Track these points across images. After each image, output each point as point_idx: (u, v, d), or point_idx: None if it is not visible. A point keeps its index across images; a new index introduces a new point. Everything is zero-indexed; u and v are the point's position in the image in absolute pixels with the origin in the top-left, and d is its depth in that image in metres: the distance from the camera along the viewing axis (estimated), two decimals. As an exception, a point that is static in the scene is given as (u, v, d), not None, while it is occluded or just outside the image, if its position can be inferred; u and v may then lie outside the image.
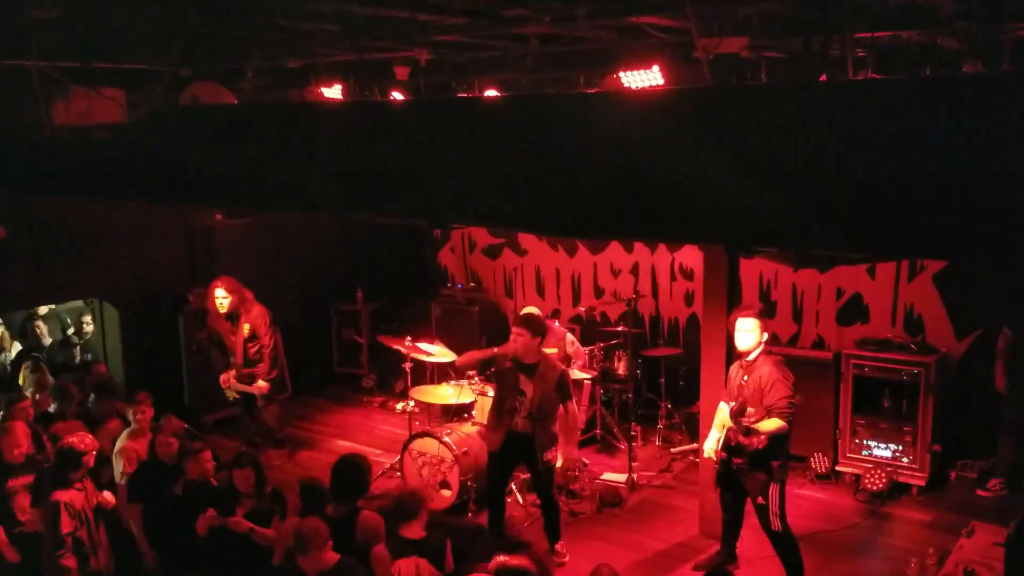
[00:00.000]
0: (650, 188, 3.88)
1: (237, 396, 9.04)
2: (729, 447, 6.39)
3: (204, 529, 6.00)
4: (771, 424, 6.07)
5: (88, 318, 10.47)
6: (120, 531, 6.57)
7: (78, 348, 10.17)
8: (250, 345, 8.88)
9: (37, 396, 7.75)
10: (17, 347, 10.09)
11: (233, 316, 8.86)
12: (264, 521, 6.00)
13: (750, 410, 6.08)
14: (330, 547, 5.06)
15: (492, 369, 7.20)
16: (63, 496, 5.97)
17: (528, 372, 6.85)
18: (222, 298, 8.75)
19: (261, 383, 8.83)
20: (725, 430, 6.37)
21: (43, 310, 10.65)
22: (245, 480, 6.19)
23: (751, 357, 6.35)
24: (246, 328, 8.85)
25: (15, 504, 6.37)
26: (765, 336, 6.35)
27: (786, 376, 6.18)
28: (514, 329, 6.87)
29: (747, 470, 6.35)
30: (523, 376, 6.85)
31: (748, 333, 6.33)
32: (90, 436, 6.31)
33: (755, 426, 6.08)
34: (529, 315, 7.15)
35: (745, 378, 6.31)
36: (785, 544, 6.39)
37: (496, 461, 7.11)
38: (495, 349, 7.14)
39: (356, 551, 5.44)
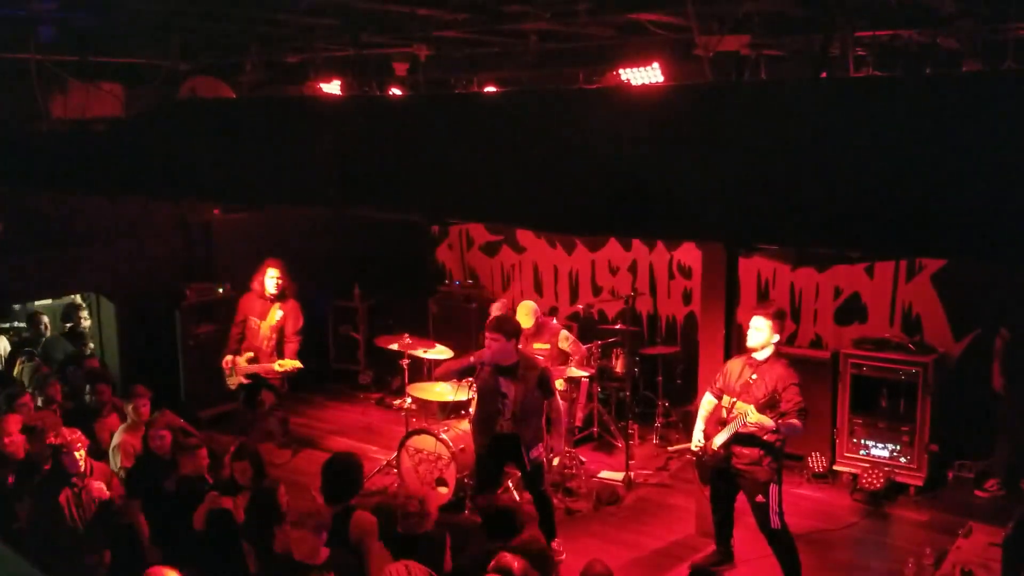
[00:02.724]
0: (649, 185, 3.87)
1: (244, 381, 8.94)
2: (729, 443, 6.33)
3: (202, 517, 5.98)
4: (792, 422, 6.11)
5: (84, 313, 10.45)
6: (119, 525, 6.55)
7: (88, 344, 10.12)
8: (272, 334, 8.84)
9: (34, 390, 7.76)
10: (4, 342, 10.09)
11: (275, 299, 8.85)
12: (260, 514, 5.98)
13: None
14: (325, 537, 5.04)
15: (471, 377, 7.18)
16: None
17: (508, 374, 6.81)
18: (275, 277, 8.82)
19: (286, 362, 8.69)
20: (738, 423, 6.23)
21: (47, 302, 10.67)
22: (243, 473, 6.19)
23: (760, 356, 6.34)
24: (278, 315, 8.82)
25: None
26: (776, 337, 6.35)
27: (798, 380, 6.21)
28: (488, 335, 6.81)
29: (746, 471, 6.33)
30: (503, 379, 6.81)
31: (758, 331, 6.35)
32: (67, 431, 6.32)
33: (788, 422, 6.07)
34: (500, 318, 7.11)
35: (753, 376, 6.29)
36: (783, 542, 6.39)
37: (484, 464, 7.09)
38: (471, 357, 7.12)
39: (350, 550, 5.43)
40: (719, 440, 6.36)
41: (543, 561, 5.05)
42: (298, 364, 8.73)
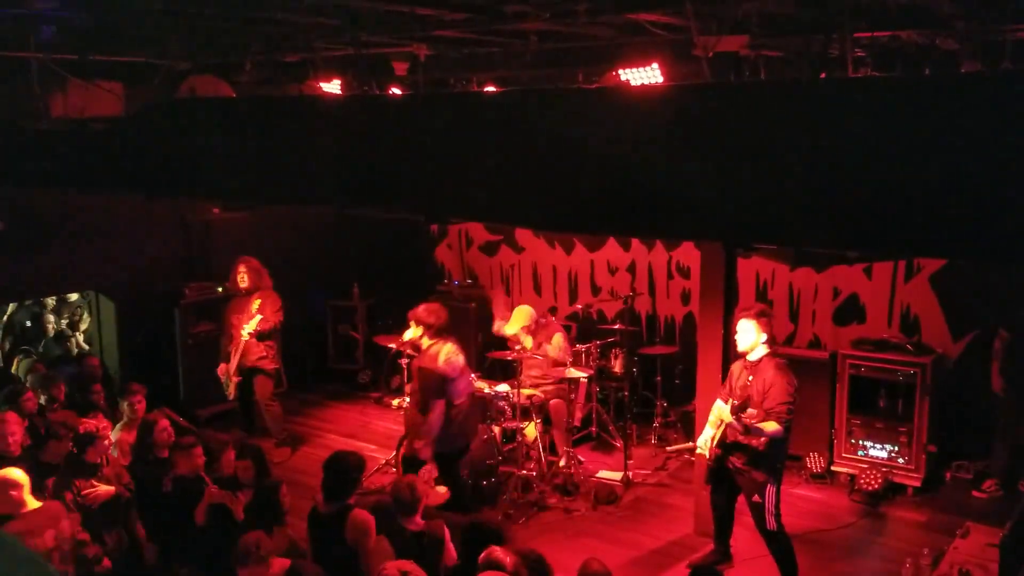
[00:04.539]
0: (648, 184, 3.88)
1: (238, 379, 9.04)
2: (726, 445, 6.39)
3: (203, 512, 5.99)
4: (769, 426, 6.08)
5: (85, 312, 10.47)
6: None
7: (73, 340, 10.17)
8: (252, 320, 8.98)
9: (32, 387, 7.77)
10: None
11: (249, 293, 9.10)
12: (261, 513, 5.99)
13: (751, 411, 6.09)
14: (273, 563, 5.03)
15: None
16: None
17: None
18: (245, 272, 9.15)
19: (250, 323, 8.91)
20: (723, 426, 6.36)
21: (50, 302, 10.70)
22: (246, 471, 6.19)
23: (752, 358, 6.36)
24: (256, 304, 9.00)
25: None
26: (764, 337, 6.34)
27: (789, 381, 6.19)
28: None
29: (744, 470, 6.34)
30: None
31: (744, 334, 6.38)
32: (92, 422, 6.35)
33: (755, 425, 6.08)
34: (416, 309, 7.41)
35: (750, 378, 6.32)
36: (779, 543, 6.39)
37: None
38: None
39: (346, 549, 5.44)
40: (704, 437, 6.54)
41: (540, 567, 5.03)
42: (256, 318, 8.93)
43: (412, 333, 7.32)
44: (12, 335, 10.27)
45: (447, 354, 7.13)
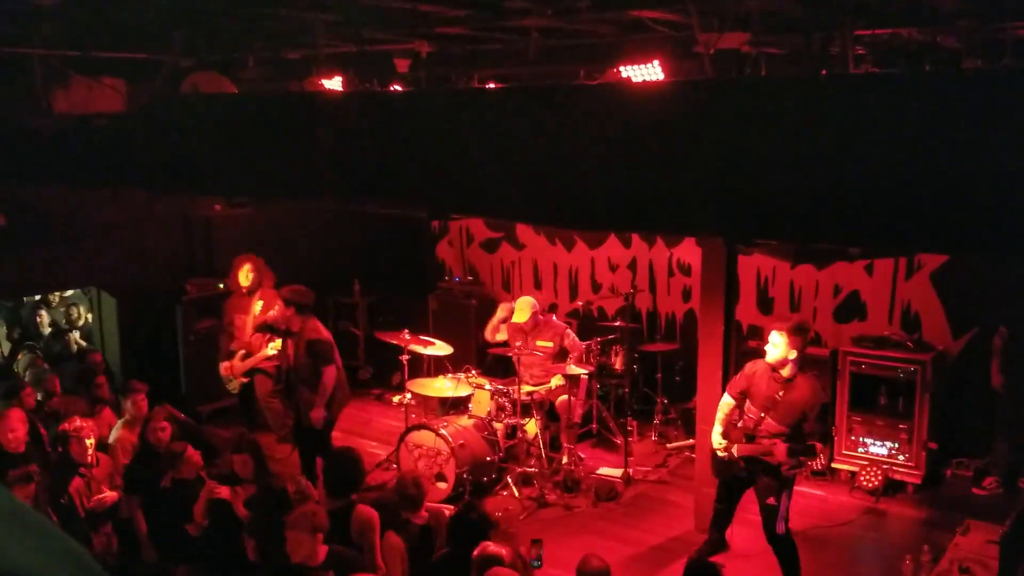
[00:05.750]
0: (650, 180, 3.90)
1: (245, 380, 9.04)
2: (753, 459, 6.32)
3: (202, 509, 5.99)
4: (812, 453, 6.14)
5: (82, 308, 10.49)
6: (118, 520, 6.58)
7: (71, 336, 10.19)
8: (257, 324, 8.96)
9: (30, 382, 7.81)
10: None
11: (251, 293, 9.05)
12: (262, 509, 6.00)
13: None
14: (321, 538, 5.03)
15: None
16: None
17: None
18: (248, 271, 9.09)
19: (277, 342, 8.82)
20: (765, 454, 6.15)
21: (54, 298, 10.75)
22: (244, 466, 6.19)
23: (785, 373, 6.20)
24: (259, 305, 8.98)
25: (16, 495, 6.36)
26: (793, 354, 6.14)
27: (823, 399, 6.17)
28: None
29: (762, 474, 6.29)
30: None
31: (773, 347, 6.22)
32: (77, 419, 6.36)
33: (803, 458, 6.06)
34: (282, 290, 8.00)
35: (780, 394, 6.18)
36: (785, 548, 6.34)
37: None
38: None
39: (350, 545, 5.45)
40: (740, 453, 6.31)
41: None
42: (278, 341, 8.84)
43: (275, 311, 8.28)
44: (18, 330, 10.31)
45: (320, 325, 7.92)
